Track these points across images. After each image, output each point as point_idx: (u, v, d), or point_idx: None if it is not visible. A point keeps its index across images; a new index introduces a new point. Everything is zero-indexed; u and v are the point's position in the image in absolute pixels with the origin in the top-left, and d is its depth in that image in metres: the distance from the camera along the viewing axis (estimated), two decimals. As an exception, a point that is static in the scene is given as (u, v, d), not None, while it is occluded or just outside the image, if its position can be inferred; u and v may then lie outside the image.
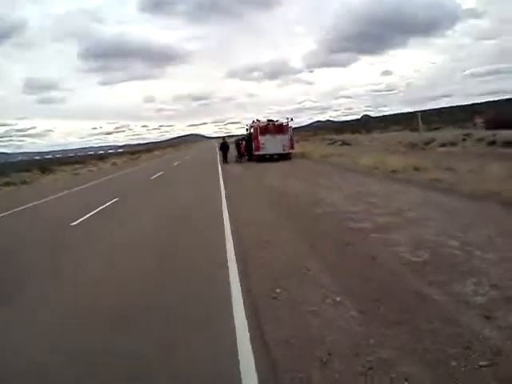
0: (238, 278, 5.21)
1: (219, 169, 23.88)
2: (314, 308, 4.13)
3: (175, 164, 34.00)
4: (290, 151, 26.52)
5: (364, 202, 9.82)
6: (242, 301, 4.48)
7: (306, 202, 10.39)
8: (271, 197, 11.86)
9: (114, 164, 46.03)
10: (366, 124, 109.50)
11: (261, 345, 3.55)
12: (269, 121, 27.58)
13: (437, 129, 47.90)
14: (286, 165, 22.98)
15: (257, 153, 26.45)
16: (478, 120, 41.66)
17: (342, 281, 4.83)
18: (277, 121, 27.63)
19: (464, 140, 30.53)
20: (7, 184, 29.11)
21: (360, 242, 6.41)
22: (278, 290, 4.67)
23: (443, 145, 29.77)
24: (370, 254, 5.74)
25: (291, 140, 26.64)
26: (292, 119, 27.29)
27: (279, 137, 26.08)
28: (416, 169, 15.29)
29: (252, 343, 3.58)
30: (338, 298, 4.32)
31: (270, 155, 26.29)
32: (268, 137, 26.07)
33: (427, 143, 32.03)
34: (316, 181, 14.49)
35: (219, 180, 17.45)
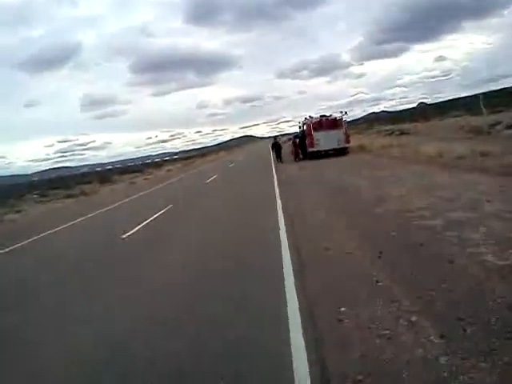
0: (295, 294, 4.61)
1: (273, 169, 23.28)
2: (386, 331, 3.44)
3: (230, 166, 34.28)
4: (346, 145, 25.48)
5: (432, 195, 8.87)
6: (299, 323, 3.87)
7: (368, 199, 9.60)
8: (330, 196, 11.19)
9: (168, 171, 47.07)
10: (423, 112, 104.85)
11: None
12: (321, 116, 26.75)
13: (501, 111, 44.63)
14: (344, 160, 21.97)
15: (311, 149, 25.66)
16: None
17: (416, 294, 4.07)
18: (330, 115, 26.75)
19: (536, 119, 28.14)
20: (69, 196, 30.72)
21: (433, 243, 5.59)
22: (343, 309, 4.01)
23: (510, 126, 27.54)
24: (446, 256, 4.93)
25: (346, 134, 25.53)
26: (346, 113, 26.36)
27: (333, 132, 25.12)
28: (484, 154, 14.06)
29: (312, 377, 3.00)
30: (414, 318, 3.59)
31: (325, 151, 25.38)
32: (322, 132, 25.22)
33: (492, 126, 29.77)
34: (377, 175, 13.53)
35: (273, 181, 16.86)
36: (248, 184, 18.41)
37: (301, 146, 27.62)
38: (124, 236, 10.02)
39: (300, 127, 29.76)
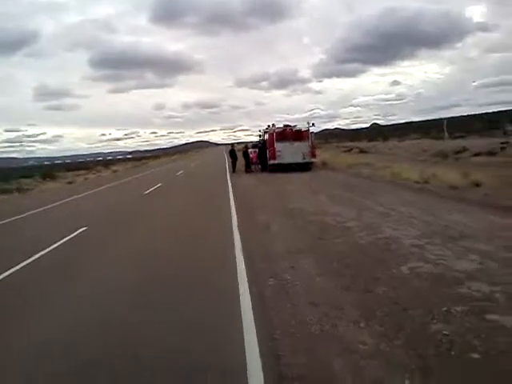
0: None
1: (228, 181, 19.31)
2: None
3: (178, 173, 29.42)
4: (312, 160, 22.13)
5: (468, 248, 5.72)
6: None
7: (369, 247, 6.24)
8: (306, 232, 7.64)
9: (114, 171, 43.06)
10: (376, 132, 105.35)
11: None
12: (285, 126, 23.45)
13: (461, 137, 43.87)
14: (310, 177, 18.46)
15: (272, 162, 21.97)
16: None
17: None
18: (295, 126, 23.57)
19: (503, 149, 26.59)
20: (2, 192, 26.38)
21: None
22: None
23: (477, 154, 25.85)
24: None
25: (313, 147, 22.20)
26: (313, 124, 22.78)
27: (298, 144, 21.73)
28: (476, 184, 11.50)
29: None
30: None
31: (287, 164, 21.66)
32: (286, 144, 21.69)
33: (457, 152, 28.12)
34: (362, 202, 10.32)
35: (229, 198, 13.07)
36: (197, 197, 14.55)
37: (260, 156, 24.06)
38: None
39: (260, 136, 26.05)
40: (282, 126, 23.45)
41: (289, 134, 22.43)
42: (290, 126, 23.54)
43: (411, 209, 8.96)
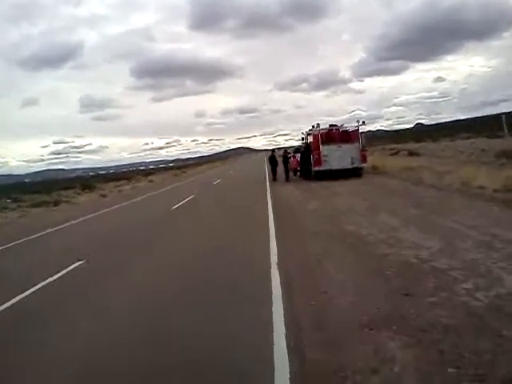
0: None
1: (267, 193, 16.69)
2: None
3: (215, 182, 27.58)
4: (362, 165, 19.11)
5: None
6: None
7: (498, 318, 3.56)
8: (378, 277, 5.10)
9: (150, 181, 43.08)
10: (421, 132, 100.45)
11: None
12: (331, 126, 20.58)
13: (523, 133, 39.80)
14: (363, 186, 15.67)
15: (317, 168, 19.08)
16: None
17: None
18: (342, 125, 20.67)
19: None
20: (39, 205, 25.88)
21: None
22: None
23: (549, 152, 22.59)
24: None
25: (363, 150, 19.21)
26: (364, 122, 19.75)
27: (346, 146, 18.87)
28: None
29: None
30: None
31: (334, 171, 18.74)
32: (332, 147, 18.86)
33: (524, 150, 24.86)
34: (442, 224, 7.64)
35: (267, 218, 10.43)
36: (230, 216, 12.09)
37: (303, 162, 21.09)
38: None
39: (303, 138, 23.21)
40: (327, 126, 20.59)
41: (336, 136, 19.66)
42: (336, 126, 20.68)
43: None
